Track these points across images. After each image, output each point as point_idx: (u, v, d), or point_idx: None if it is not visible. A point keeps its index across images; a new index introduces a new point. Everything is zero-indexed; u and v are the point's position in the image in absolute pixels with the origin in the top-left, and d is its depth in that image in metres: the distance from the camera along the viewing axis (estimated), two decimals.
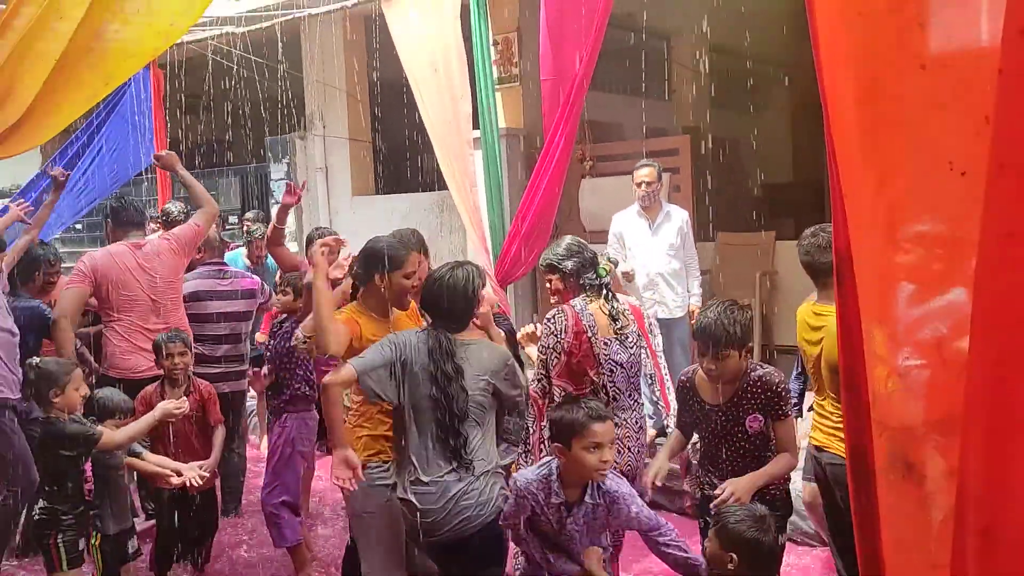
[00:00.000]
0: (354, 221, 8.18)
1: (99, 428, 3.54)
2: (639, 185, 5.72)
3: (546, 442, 3.27)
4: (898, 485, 1.19)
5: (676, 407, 3.54)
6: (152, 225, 6.38)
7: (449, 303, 2.97)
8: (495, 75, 7.71)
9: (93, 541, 3.68)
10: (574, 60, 5.06)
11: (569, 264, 3.68)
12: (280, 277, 4.60)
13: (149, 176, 8.09)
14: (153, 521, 4.50)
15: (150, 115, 7.50)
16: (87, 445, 3.47)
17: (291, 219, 8.18)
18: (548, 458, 2.98)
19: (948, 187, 1.12)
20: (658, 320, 5.70)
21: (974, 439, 1.10)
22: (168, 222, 5.95)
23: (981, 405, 1.09)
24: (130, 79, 7.53)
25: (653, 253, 5.72)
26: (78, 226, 8.22)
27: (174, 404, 3.75)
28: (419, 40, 5.74)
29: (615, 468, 3.12)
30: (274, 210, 5.06)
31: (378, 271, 3.20)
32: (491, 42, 7.63)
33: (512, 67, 7.64)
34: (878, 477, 1.21)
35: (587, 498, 2.85)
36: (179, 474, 3.79)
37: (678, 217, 5.79)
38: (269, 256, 5.66)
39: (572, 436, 2.76)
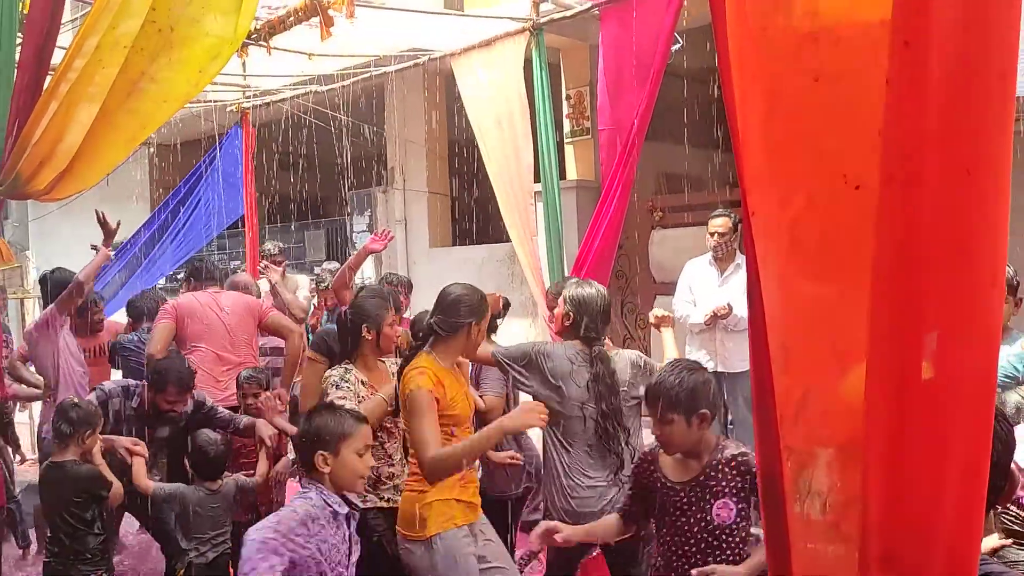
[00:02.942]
0: (431, 271, 8.37)
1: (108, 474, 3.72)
2: (712, 235, 5.65)
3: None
4: (806, 513, 1.14)
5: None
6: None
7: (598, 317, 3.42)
8: (568, 128, 7.88)
9: (179, 571, 3.84)
10: (631, 111, 5.10)
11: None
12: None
13: (240, 229, 8.51)
14: None
15: (241, 170, 7.92)
16: (104, 488, 3.67)
17: (370, 269, 8.47)
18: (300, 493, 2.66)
19: (844, 201, 1.10)
20: (716, 374, 5.61)
21: (874, 464, 1.05)
22: (263, 255, 6.58)
23: (879, 429, 1.05)
24: (225, 136, 8.09)
25: (718, 304, 5.60)
26: (179, 275, 8.70)
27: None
28: (484, 94, 5.91)
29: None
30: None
31: (475, 320, 3.20)
32: (564, 96, 7.82)
33: (584, 120, 7.76)
34: (788, 505, 1.16)
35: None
36: None
37: None
38: None
39: (340, 439, 2.57)
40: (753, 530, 2.68)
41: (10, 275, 8.99)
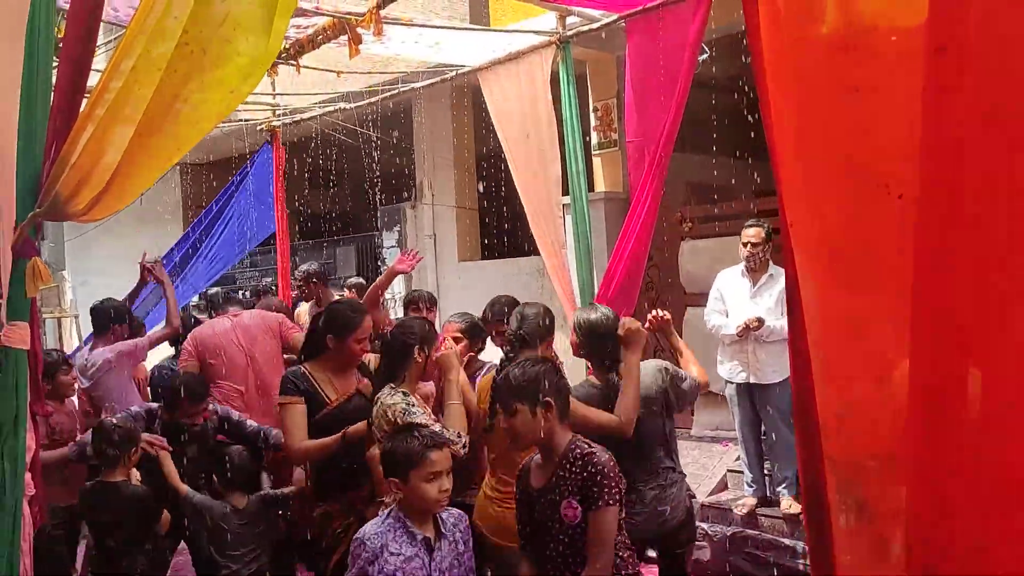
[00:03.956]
0: (460, 286, 8.40)
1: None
2: (745, 245, 5.60)
3: None
4: (852, 526, 1.12)
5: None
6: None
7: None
8: (595, 140, 7.88)
9: None
10: (659, 122, 5.09)
11: None
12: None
13: (271, 246, 8.59)
14: None
15: (272, 188, 8.00)
16: (156, 508, 3.75)
17: (399, 283, 8.51)
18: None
19: (885, 211, 1.08)
20: (748, 385, 5.56)
21: (918, 476, 1.04)
22: (304, 279, 6.57)
23: (923, 440, 1.03)
24: (256, 155, 8.18)
25: (750, 314, 5.55)
26: (211, 291, 8.83)
27: None
28: (511, 108, 5.93)
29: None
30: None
31: (551, 335, 3.53)
32: (591, 108, 7.82)
33: (612, 132, 7.76)
34: (833, 516, 1.14)
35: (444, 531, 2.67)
36: None
37: (782, 281, 5.54)
38: None
39: (409, 468, 2.60)
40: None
41: (47, 295, 9.16)
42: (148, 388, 5.72)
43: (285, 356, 5.24)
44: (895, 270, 1.08)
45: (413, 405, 3.23)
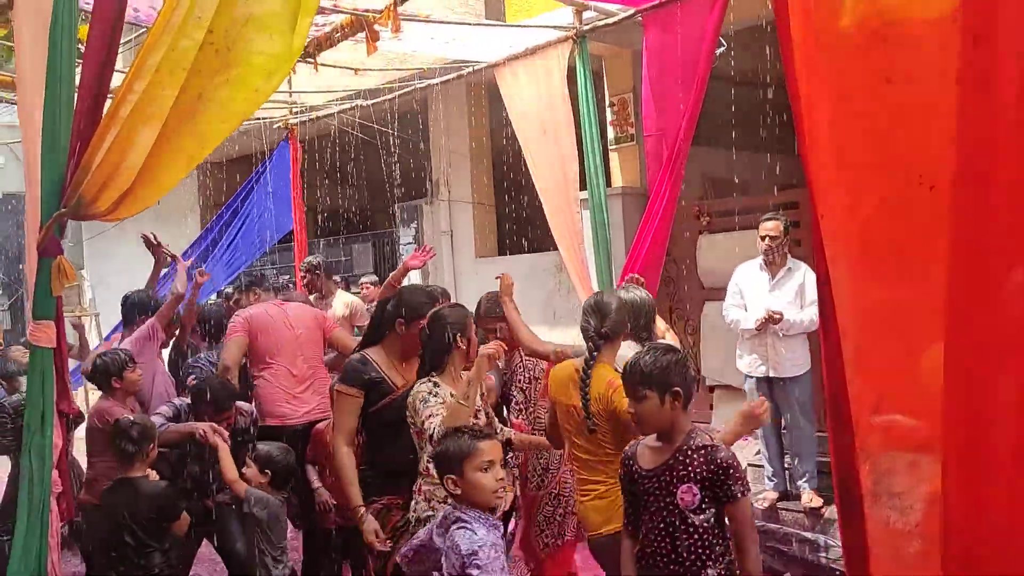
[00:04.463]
0: (477, 282, 8.40)
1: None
2: (763, 238, 5.57)
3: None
4: (885, 515, 1.12)
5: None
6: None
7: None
8: (612, 135, 7.87)
9: None
10: (676, 116, 5.08)
11: None
12: None
13: (289, 244, 8.63)
14: None
15: (290, 185, 8.05)
16: (179, 504, 3.75)
17: (417, 279, 8.53)
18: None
19: (918, 202, 1.08)
20: (768, 379, 5.53)
21: (953, 464, 1.03)
22: (307, 270, 6.62)
23: (958, 429, 1.03)
24: (273, 153, 8.23)
25: (769, 308, 5.51)
26: (228, 289, 8.89)
27: None
28: (528, 103, 5.93)
29: None
30: None
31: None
32: (608, 103, 7.81)
33: (628, 127, 7.74)
34: (866, 508, 1.14)
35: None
36: None
37: (800, 274, 5.55)
38: None
39: (463, 460, 2.62)
40: None
41: (67, 294, 9.22)
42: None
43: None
44: (929, 261, 1.08)
45: (436, 397, 3.19)
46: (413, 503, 3.27)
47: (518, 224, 8.96)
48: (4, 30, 4.33)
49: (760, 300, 5.56)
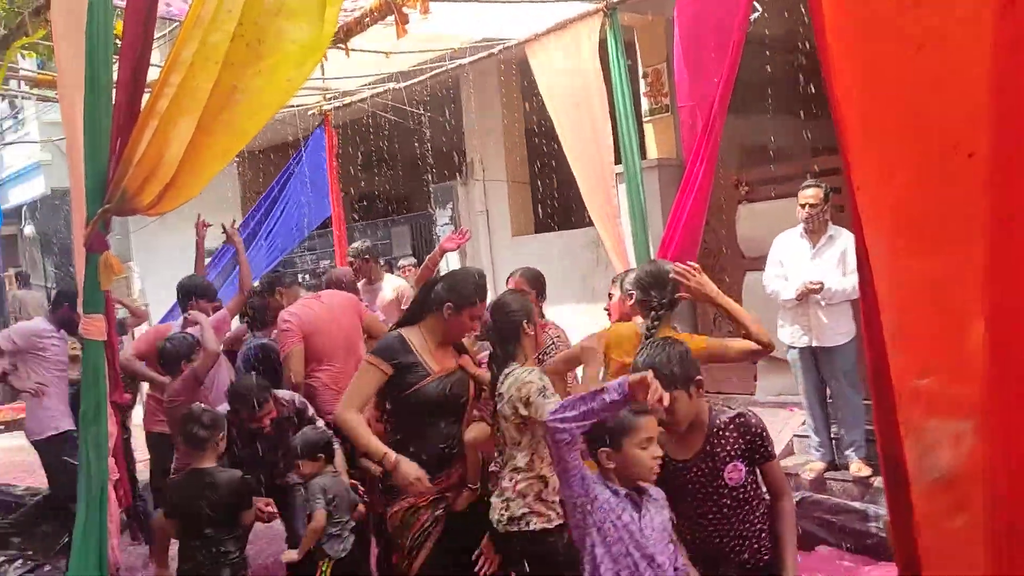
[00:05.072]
0: (514, 261, 8.40)
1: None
2: (803, 207, 5.49)
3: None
4: (930, 489, 1.11)
5: None
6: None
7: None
8: (646, 107, 7.78)
9: (323, 567, 3.88)
10: (711, 84, 5.00)
11: None
12: None
13: (327, 230, 8.70)
14: None
15: (326, 171, 8.10)
16: (250, 493, 3.79)
17: (455, 260, 8.57)
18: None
19: (956, 170, 1.05)
20: (811, 349, 5.47)
21: (998, 436, 1.02)
22: (356, 256, 6.62)
23: (1001, 400, 1.01)
24: (309, 139, 8.28)
25: (810, 278, 5.44)
26: (255, 285, 9.03)
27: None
28: (560, 79, 5.89)
29: None
30: None
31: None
32: (641, 74, 7.72)
33: (663, 97, 7.65)
34: (911, 482, 1.13)
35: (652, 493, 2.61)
36: None
37: (842, 241, 5.46)
38: None
39: (623, 436, 2.55)
40: None
41: (117, 286, 9.41)
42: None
43: None
44: (968, 229, 1.06)
45: (544, 381, 3.08)
46: (503, 501, 3.11)
47: (554, 201, 8.94)
48: (43, 30, 4.41)
49: (801, 269, 5.49)
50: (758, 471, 2.80)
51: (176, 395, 4.54)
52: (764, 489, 2.83)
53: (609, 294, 4.23)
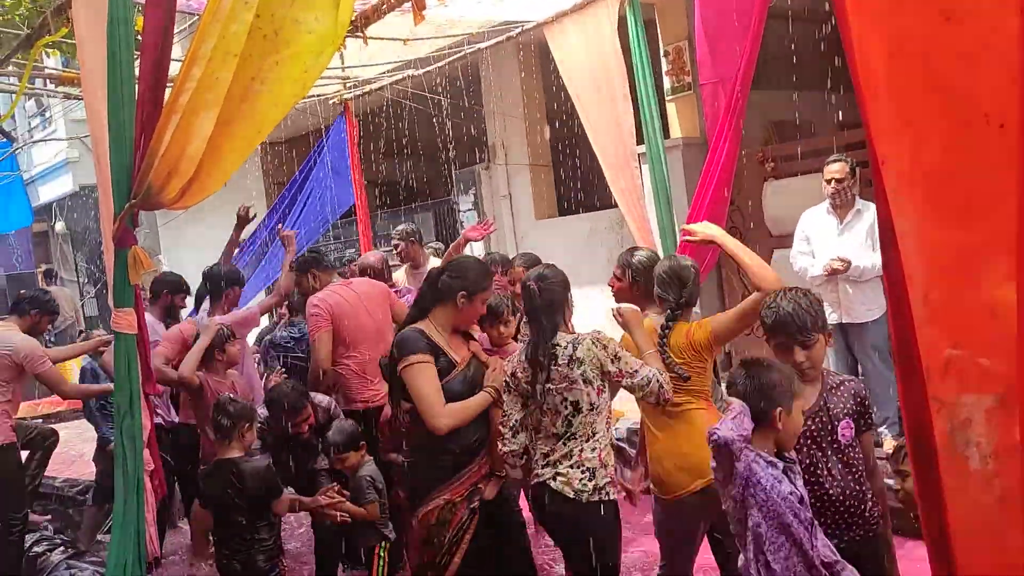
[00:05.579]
0: (539, 244, 8.39)
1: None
2: (828, 182, 5.42)
3: None
4: (961, 466, 1.10)
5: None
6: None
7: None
8: (668, 85, 7.71)
9: (381, 551, 4.01)
10: (733, 61, 4.93)
11: None
12: None
13: (351, 218, 8.74)
14: None
15: (348, 160, 8.12)
16: (278, 482, 3.83)
17: (480, 244, 8.57)
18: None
19: (986, 142, 1.03)
20: (842, 326, 5.41)
21: None
22: (402, 239, 6.49)
23: None
24: (330, 129, 8.31)
25: (837, 254, 5.37)
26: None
27: None
28: (580, 60, 5.84)
29: None
30: None
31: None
32: (663, 52, 7.64)
33: (685, 76, 7.58)
34: (940, 459, 1.12)
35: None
36: None
37: (870, 215, 5.38)
38: None
39: (793, 398, 2.50)
40: None
41: (146, 280, 9.55)
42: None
43: None
44: (998, 201, 1.03)
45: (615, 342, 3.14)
46: (583, 472, 3.05)
47: (577, 183, 8.90)
48: (65, 28, 4.45)
49: (829, 245, 5.43)
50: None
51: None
52: None
53: (614, 273, 4.19)
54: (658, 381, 3.02)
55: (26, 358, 4.97)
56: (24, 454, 5.65)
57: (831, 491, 2.72)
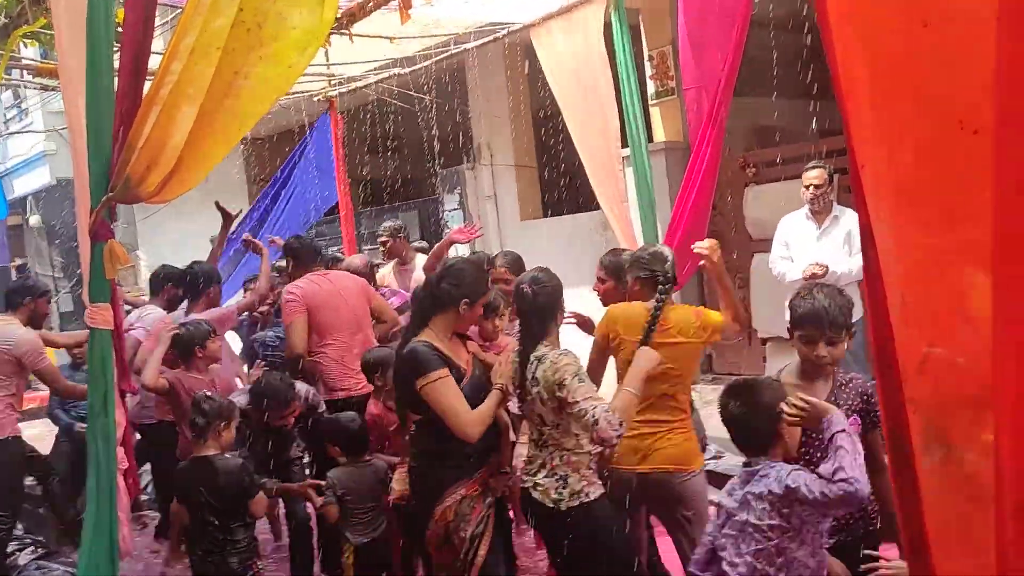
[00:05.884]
0: (523, 244, 8.39)
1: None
2: (807, 188, 5.48)
3: None
4: (937, 467, 1.10)
5: None
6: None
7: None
8: (652, 90, 7.74)
9: (347, 554, 3.95)
10: (716, 66, 4.96)
11: None
12: None
13: (335, 216, 8.70)
14: None
15: (333, 157, 8.08)
16: (255, 480, 3.76)
17: (465, 247, 8.55)
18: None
19: (961, 147, 1.04)
20: None
21: (1006, 414, 1.01)
22: (390, 235, 6.53)
23: (1009, 377, 1.00)
24: (314, 126, 8.26)
25: (816, 259, 5.41)
26: (280, 263, 9.04)
27: None
28: (565, 63, 5.86)
29: None
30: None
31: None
32: (647, 57, 7.67)
33: (668, 80, 7.61)
34: (917, 459, 1.12)
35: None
36: None
37: (847, 221, 5.44)
38: None
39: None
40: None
41: (123, 275, 9.44)
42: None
43: None
44: (974, 207, 1.04)
45: (582, 366, 3.09)
46: (557, 480, 3.09)
47: (561, 185, 8.91)
48: (44, 19, 4.40)
49: (807, 251, 5.48)
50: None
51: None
52: None
53: (598, 277, 4.25)
54: (594, 418, 2.84)
55: (25, 354, 4.90)
56: None
57: None
